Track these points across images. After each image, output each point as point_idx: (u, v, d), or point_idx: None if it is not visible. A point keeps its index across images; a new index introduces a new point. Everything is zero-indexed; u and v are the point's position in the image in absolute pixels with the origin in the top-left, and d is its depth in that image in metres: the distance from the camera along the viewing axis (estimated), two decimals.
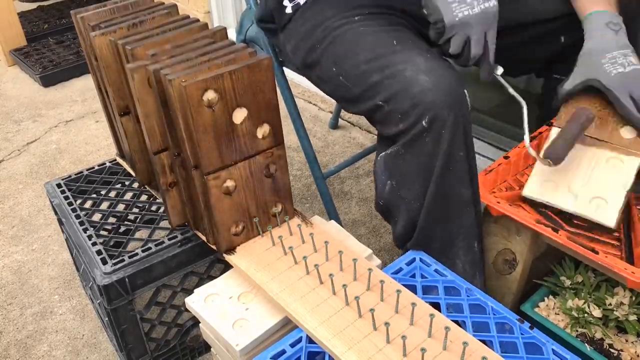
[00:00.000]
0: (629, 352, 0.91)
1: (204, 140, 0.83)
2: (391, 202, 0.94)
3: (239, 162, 0.88)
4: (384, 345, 0.77)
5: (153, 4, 1.06)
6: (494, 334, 0.81)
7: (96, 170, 1.27)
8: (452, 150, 0.86)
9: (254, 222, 0.95)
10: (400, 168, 0.90)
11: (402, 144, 0.87)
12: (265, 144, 0.90)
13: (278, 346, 0.80)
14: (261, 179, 0.92)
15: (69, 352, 1.20)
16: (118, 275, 0.97)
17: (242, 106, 0.84)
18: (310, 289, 0.87)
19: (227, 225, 0.92)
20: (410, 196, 0.91)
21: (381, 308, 0.82)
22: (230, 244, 0.94)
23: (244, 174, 0.90)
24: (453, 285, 0.89)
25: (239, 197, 0.91)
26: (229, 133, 0.85)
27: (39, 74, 2.23)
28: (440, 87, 0.83)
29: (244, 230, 0.95)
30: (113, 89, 1.00)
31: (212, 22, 2.42)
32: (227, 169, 0.87)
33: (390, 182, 0.92)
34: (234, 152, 0.87)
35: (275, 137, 0.91)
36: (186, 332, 1.13)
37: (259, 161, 0.91)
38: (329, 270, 0.87)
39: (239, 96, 0.83)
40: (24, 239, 1.52)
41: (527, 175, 1.08)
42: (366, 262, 0.90)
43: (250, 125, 0.87)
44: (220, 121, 0.83)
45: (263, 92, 0.85)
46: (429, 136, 0.84)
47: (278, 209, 0.97)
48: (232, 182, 0.89)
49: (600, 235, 0.94)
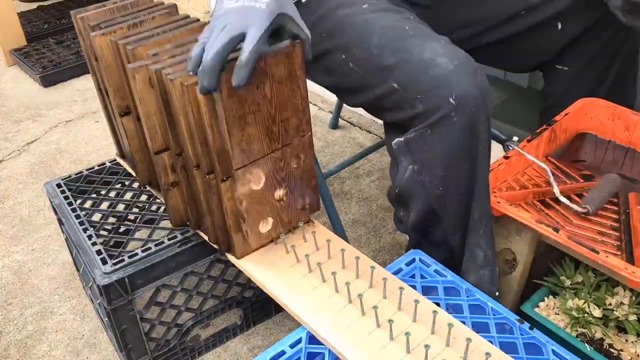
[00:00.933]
0: (629, 352, 0.91)
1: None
2: (409, 188, 0.90)
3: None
4: (388, 342, 0.77)
5: (153, 4, 1.06)
6: (493, 335, 0.81)
7: (96, 170, 1.27)
8: (479, 130, 0.83)
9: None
10: (425, 150, 0.86)
11: (427, 125, 0.83)
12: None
13: (278, 347, 0.80)
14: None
15: (69, 352, 1.20)
16: (118, 275, 0.97)
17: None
18: (313, 287, 0.87)
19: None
20: (433, 180, 0.87)
21: (384, 305, 0.82)
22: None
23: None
24: (453, 286, 0.89)
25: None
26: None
27: (39, 74, 2.23)
28: (463, 68, 0.81)
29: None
30: (113, 89, 1.00)
31: None
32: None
33: (413, 166, 0.88)
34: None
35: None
36: (186, 332, 1.13)
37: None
38: (332, 269, 0.88)
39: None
40: (24, 239, 1.52)
41: (527, 175, 1.08)
42: (368, 260, 0.90)
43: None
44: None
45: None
46: (457, 115, 0.81)
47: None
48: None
49: (600, 234, 0.95)
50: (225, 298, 1.15)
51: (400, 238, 1.45)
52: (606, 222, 1.00)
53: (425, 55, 0.83)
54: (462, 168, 0.85)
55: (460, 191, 0.87)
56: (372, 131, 1.87)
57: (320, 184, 1.31)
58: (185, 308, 1.11)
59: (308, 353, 0.80)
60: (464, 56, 0.84)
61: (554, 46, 1.12)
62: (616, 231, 0.99)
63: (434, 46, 0.84)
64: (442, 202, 0.88)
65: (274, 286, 0.88)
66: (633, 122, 1.12)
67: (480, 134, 0.83)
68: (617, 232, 0.98)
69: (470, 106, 0.81)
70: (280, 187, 0.91)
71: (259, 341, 1.21)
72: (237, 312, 1.22)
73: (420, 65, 0.83)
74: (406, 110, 0.86)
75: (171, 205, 1.00)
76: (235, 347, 1.20)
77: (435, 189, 0.87)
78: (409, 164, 0.88)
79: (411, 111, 0.85)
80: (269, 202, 0.91)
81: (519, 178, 1.07)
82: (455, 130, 0.82)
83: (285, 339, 0.81)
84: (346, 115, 1.95)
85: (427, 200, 0.89)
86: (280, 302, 0.87)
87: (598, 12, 1.05)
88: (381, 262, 1.38)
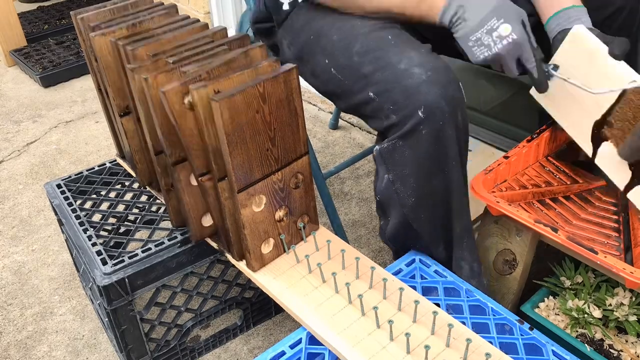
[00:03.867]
0: (629, 352, 0.91)
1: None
2: (386, 197, 0.93)
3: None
4: (388, 343, 0.77)
5: (153, 4, 1.06)
6: (493, 335, 0.81)
7: (96, 170, 1.27)
8: (449, 142, 0.84)
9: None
10: (397, 161, 0.88)
11: (399, 135, 0.86)
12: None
13: (278, 347, 0.80)
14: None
15: (69, 353, 1.20)
16: (118, 275, 0.97)
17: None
18: (313, 288, 0.87)
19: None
20: (405, 191, 0.89)
21: (384, 306, 0.82)
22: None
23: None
24: (453, 287, 0.89)
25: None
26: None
27: (39, 75, 2.23)
28: (435, 79, 0.83)
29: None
30: (113, 89, 1.00)
31: (212, 22, 2.42)
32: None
33: (387, 175, 0.90)
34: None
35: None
36: (186, 332, 1.13)
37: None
38: (332, 269, 0.88)
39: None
40: (24, 239, 1.52)
41: (527, 175, 1.08)
42: (368, 261, 0.90)
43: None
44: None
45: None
46: (425, 127, 0.83)
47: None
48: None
49: (600, 235, 0.95)
50: (225, 298, 1.15)
51: None
52: (605, 223, 1.00)
53: (401, 65, 0.85)
54: (434, 180, 0.87)
55: (434, 203, 0.89)
56: (372, 132, 1.87)
57: (320, 184, 1.31)
58: (185, 308, 1.11)
59: (308, 353, 0.80)
60: (440, 67, 0.84)
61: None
62: (615, 232, 0.99)
63: (411, 56, 0.85)
64: (416, 214, 0.90)
65: (274, 287, 0.88)
66: None
67: (448, 147, 0.84)
68: (616, 232, 0.98)
69: (437, 119, 0.82)
70: (280, 207, 0.91)
71: (259, 342, 1.21)
72: (237, 312, 1.22)
73: (395, 75, 0.84)
74: (382, 120, 0.87)
75: (172, 206, 1.00)
76: (235, 348, 1.20)
77: (408, 199, 0.89)
78: (384, 173, 0.90)
79: (386, 121, 0.86)
80: (270, 223, 0.91)
81: (518, 178, 1.07)
82: (423, 142, 0.84)
83: (285, 340, 0.81)
84: (346, 115, 1.95)
85: (402, 210, 0.91)
86: (280, 302, 0.87)
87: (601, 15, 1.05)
88: (381, 262, 1.38)
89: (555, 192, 1.05)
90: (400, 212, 0.91)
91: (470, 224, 0.92)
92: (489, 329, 0.82)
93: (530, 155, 1.09)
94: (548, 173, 1.09)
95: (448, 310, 0.85)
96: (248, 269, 0.92)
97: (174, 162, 0.87)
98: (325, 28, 0.97)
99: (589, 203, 1.04)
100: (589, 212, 1.02)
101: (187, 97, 0.79)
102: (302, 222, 0.95)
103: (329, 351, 0.79)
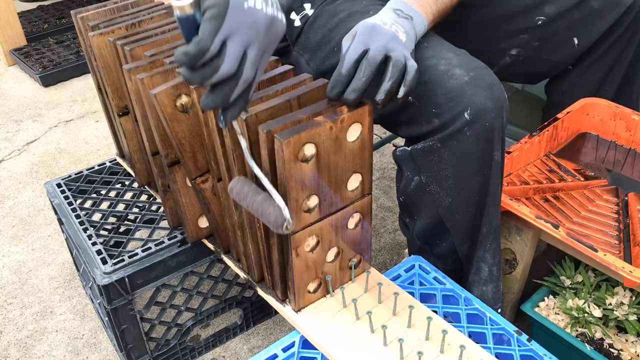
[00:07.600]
0: (629, 352, 0.91)
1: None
2: (415, 198, 0.89)
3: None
4: (382, 348, 0.76)
5: (153, 4, 1.06)
6: (490, 345, 0.79)
7: (96, 170, 1.27)
8: (493, 145, 0.81)
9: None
10: (433, 163, 0.84)
11: (438, 138, 0.81)
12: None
13: (270, 350, 0.79)
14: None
15: (69, 352, 1.21)
16: (118, 275, 0.97)
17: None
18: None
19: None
20: (441, 192, 0.86)
21: (379, 311, 0.81)
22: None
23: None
24: (451, 294, 0.87)
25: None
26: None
27: (39, 74, 2.23)
28: (479, 80, 0.79)
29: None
30: (112, 88, 1.00)
31: None
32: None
33: (420, 177, 0.86)
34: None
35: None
36: (186, 332, 1.13)
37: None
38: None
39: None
40: (24, 238, 1.52)
41: (528, 171, 1.08)
42: (364, 264, 0.89)
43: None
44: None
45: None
46: (470, 130, 0.79)
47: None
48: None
49: (600, 233, 0.94)
50: (225, 298, 1.15)
51: (400, 238, 1.44)
52: (606, 221, 1.00)
53: (440, 67, 0.81)
54: (474, 182, 0.84)
55: (470, 204, 0.86)
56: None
57: None
58: (185, 308, 1.11)
59: (301, 357, 0.79)
60: (480, 66, 0.81)
61: (569, 61, 1.12)
62: (616, 230, 0.98)
63: (448, 57, 0.82)
64: (451, 214, 0.87)
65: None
66: (634, 122, 1.12)
67: (494, 149, 0.81)
68: (616, 231, 0.98)
69: (484, 121, 0.78)
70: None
71: (259, 341, 1.21)
72: (237, 312, 1.22)
73: (435, 78, 0.80)
74: (421, 125, 0.83)
75: (169, 207, 1.00)
76: (235, 347, 1.20)
77: (444, 200, 0.86)
78: (413, 174, 0.87)
79: (427, 126, 0.82)
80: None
81: (520, 174, 1.07)
82: (468, 145, 0.80)
83: (278, 343, 0.80)
84: None
85: (435, 211, 0.87)
86: (272, 304, 0.86)
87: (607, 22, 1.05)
88: (381, 262, 1.38)
89: (556, 189, 1.05)
90: (434, 212, 0.88)
91: (498, 225, 0.89)
92: (485, 339, 0.80)
93: (532, 151, 1.08)
94: (549, 170, 1.09)
95: (446, 318, 0.83)
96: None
97: (169, 163, 0.87)
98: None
99: (590, 201, 1.04)
100: (589, 210, 1.02)
101: (179, 99, 0.78)
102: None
103: (322, 355, 0.79)
